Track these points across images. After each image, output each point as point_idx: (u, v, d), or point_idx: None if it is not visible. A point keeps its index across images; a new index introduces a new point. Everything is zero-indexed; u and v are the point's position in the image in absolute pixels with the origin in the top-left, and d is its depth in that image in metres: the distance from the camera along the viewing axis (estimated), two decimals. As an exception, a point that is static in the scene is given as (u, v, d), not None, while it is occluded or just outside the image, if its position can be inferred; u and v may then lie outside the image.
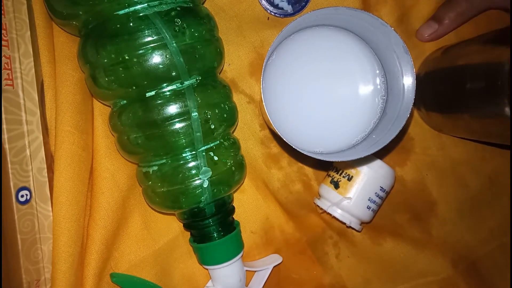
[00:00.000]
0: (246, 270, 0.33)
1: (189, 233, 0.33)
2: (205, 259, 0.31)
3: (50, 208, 0.29)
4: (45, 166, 0.29)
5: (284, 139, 0.27)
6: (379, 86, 0.30)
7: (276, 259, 0.35)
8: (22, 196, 0.28)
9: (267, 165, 0.36)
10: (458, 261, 0.37)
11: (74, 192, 0.30)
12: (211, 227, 0.30)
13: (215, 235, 0.30)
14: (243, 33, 0.35)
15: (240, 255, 0.32)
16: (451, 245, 0.37)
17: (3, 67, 0.27)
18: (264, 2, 0.35)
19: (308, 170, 0.36)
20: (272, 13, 0.35)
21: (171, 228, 0.34)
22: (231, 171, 0.30)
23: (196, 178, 0.29)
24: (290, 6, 0.35)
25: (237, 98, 0.35)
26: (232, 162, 0.30)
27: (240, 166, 0.31)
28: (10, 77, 0.27)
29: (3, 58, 0.27)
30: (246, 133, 0.36)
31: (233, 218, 0.33)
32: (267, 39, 0.35)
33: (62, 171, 0.29)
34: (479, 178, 0.37)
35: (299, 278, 0.36)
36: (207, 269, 0.32)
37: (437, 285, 0.37)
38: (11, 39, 0.27)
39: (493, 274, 0.38)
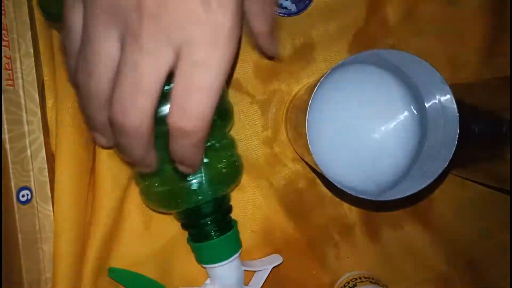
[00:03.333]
0: (245, 270, 0.33)
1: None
2: (203, 258, 0.32)
3: (51, 208, 0.29)
4: (46, 166, 0.29)
5: (330, 179, 0.27)
6: (417, 118, 0.31)
7: (276, 259, 0.35)
8: (23, 196, 0.28)
9: (269, 164, 0.36)
10: (455, 258, 0.38)
11: (75, 192, 0.30)
12: (208, 227, 0.31)
13: (212, 234, 0.31)
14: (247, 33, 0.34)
15: (237, 254, 0.32)
16: (448, 242, 0.38)
17: (4, 67, 0.27)
18: (268, 2, 0.34)
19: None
20: (276, 13, 0.34)
21: (171, 227, 0.34)
22: (222, 173, 0.30)
23: (191, 178, 0.29)
24: (293, 5, 0.35)
25: (240, 99, 0.35)
26: (224, 164, 0.30)
27: (233, 167, 0.31)
28: (11, 78, 0.27)
29: (4, 59, 0.27)
30: (248, 133, 0.35)
31: (230, 217, 0.33)
32: (270, 39, 0.35)
33: (63, 170, 0.29)
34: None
35: (299, 278, 0.36)
36: (205, 268, 0.32)
37: (433, 281, 0.38)
38: (12, 39, 0.27)
39: (490, 272, 0.38)
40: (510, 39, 0.36)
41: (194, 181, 0.29)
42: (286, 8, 0.34)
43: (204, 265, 0.32)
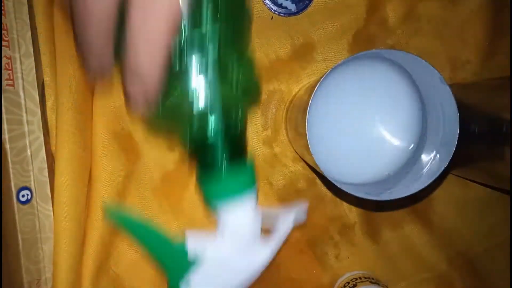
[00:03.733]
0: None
1: (188, 232, 0.33)
2: (210, 195, 0.25)
3: (51, 208, 0.29)
4: (46, 166, 0.29)
5: (330, 179, 0.27)
6: (418, 117, 0.31)
7: (301, 205, 0.28)
8: (23, 196, 0.28)
9: (269, 164, 0.36)
10: (455, 258, 0.38)
11: (75, 192, 0.30)
12: (218, 151, 0.25)
13: (223, 166, 0.25)
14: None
15: (252, 192, 0.25)
16: (448, 242, 0.38)
17: (4, 67, 0.26)
18: (267, 2, 0.34)
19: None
20: (276, 13, 0.34)
21: (170, 227, 0.34)
22: (237, 89, 0.25)
23: (200, 101, 0.24)
24: (293, 5, 0.34)
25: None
26: (239, 79, 0.25)
27: (249, 84, 0.27)
28: (11, 78, 0.27)
29: (4, 59, 0.26)
30: (248, 133, 0.35)
31: (244, 148, 0.27)
32: (270, 39, 0.35)
33: (63, 170, 0.29)
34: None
35: (299, 277, 0.36)
36: (213, 213, 0.26)
37: (433, 281, 0.38)
38: (12, 39, 0.27)
39: (490, 272, 0.38)
40: (510, 39, 0.36)
41: (201, 105, 0.24)
42: (286, 8, 0.34)
43: (213, 208, 0.26)
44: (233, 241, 0.25)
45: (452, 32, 0.37)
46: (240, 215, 0.25)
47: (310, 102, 0.26)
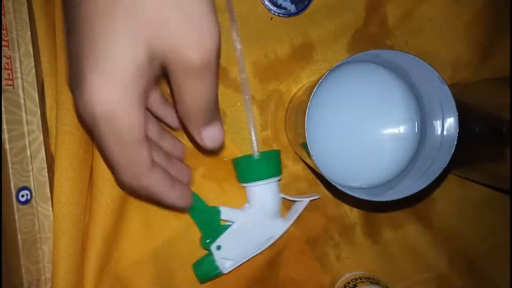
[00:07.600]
0: (283, 198, 0.35)
1: (189, 233, 0.33)
2: (244, 176, 0.33)
3: (51, 208, 0.29)
4: (46, 166, 0.29)
5: (330, 180, 0.27)
6: (417, 118, 0.31)
7: (314, 195, 0.36)
8: (22, 196, 0.28)
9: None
10: (455, 258, 0.38)
11: (75, 192, 0.30)
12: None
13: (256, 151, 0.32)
14: (246, 33, 0.34)
15: (278, 177, 0.33)
16: (449, 242, 0.38)
17: (3, 67, 0.26)
18: (267, 2, 0.34)
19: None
20: (276, 13, 0.34)
21: (171, 227, 0.34)
22: None
23: None
24: (293, 6, 0.34)
25: (239, 98, 0.35)
26: None
27: None
28: (11, 77, 0.27)
29: (3, 58, 0.26)
30: (248, 133, 0.35)
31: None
32: (270, 39, 0.35)
33: (63, 171, 0.29)
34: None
35: (299, 278, 0.36)
36: (244, 187, 0.33)
37: (434, 281, 0.38)
38: (12, 39, 0.27)
39: (490, 272, 0.38)
40: (510, 39, 0.36)
41: None
42: (285, 8, 0.34)
43: (245, 184, 0.33)
44: (259, 211, 0.33)
45: (452, 32, 0.37)
46: (266, 190, 0.33)
47: (309, 102, 0.26)
